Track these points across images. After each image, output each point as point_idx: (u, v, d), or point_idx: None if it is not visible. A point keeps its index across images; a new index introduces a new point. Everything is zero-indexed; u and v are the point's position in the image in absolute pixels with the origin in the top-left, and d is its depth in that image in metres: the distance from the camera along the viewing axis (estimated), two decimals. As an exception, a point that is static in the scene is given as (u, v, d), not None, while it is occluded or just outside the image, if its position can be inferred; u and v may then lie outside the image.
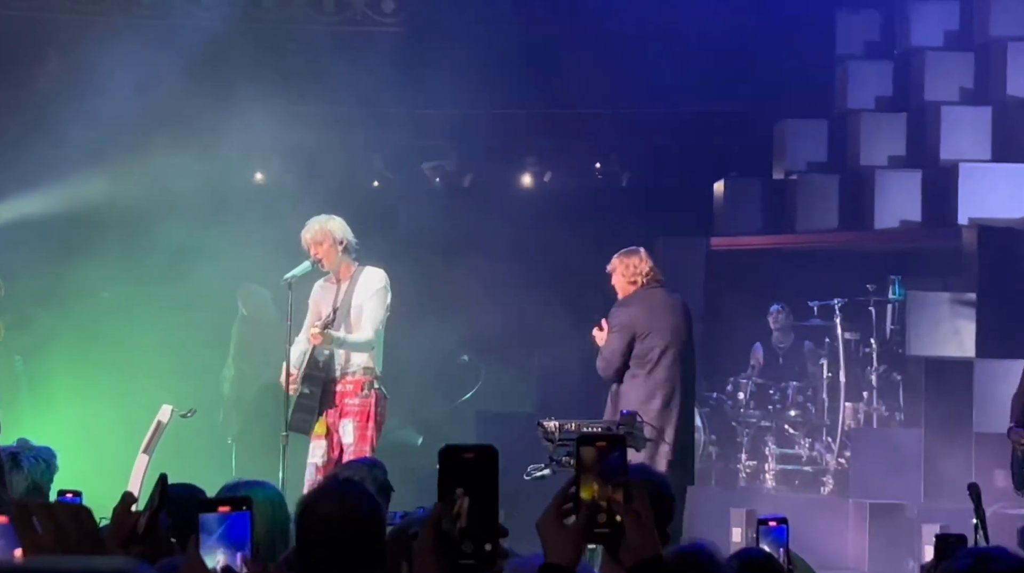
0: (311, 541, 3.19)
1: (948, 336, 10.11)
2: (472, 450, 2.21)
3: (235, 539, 2.55)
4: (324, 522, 3.17)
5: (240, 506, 2.56)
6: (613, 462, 2.27)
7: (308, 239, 7.69)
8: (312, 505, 3.24)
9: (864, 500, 9.73)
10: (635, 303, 8.06)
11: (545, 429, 6.85)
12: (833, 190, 11.63)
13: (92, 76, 10.62)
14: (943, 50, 11.93)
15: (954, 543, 3.66)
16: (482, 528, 2.19)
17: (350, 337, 7.59)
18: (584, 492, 2.26)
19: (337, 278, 7.77)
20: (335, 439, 7.62)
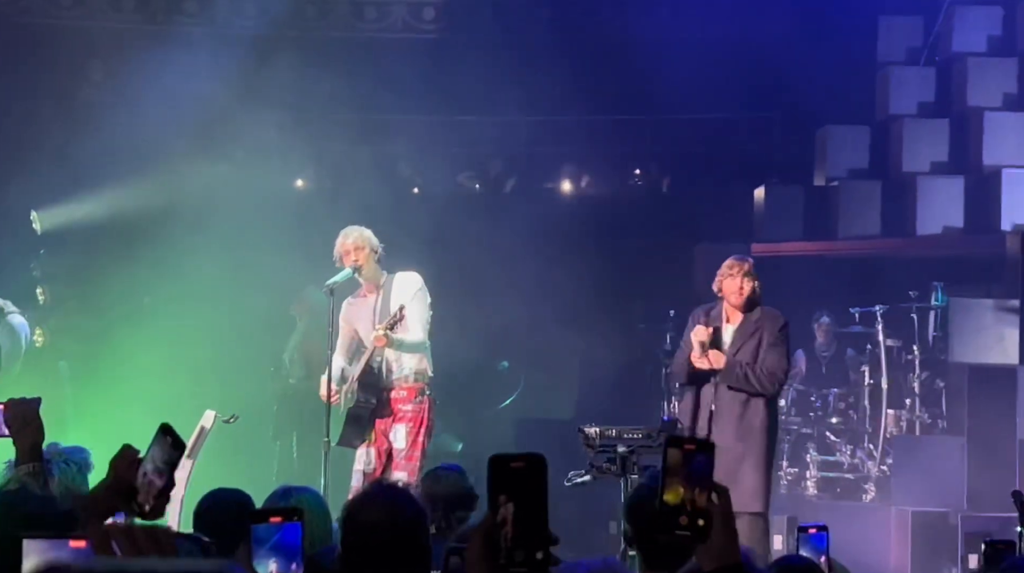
0: (356, 546, 3.20)
1: (991, 343, 10.04)
2: (521, 459, 2.22)
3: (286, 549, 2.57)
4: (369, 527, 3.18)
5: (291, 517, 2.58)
6: (699, 465, 2.29)
7: (348, 246, 7.72)
8: (357, 510, 3.25)
9: (906, 508, 9.68)
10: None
11: (586, 435, 6.85)
12: (875, 196, 11.58)
13: (135, 85, 10.71)
14: (986, 56, 11.86)
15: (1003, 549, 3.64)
16: (532, 536, 2.20)
17: (407, 338, 7.61)
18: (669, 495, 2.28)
19: (374, 288, 7.79)
20: (383, 446, 7.64)
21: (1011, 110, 11.45)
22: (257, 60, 11.03)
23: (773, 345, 7.66)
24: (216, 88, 10.87)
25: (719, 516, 2.28)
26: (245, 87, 11.08)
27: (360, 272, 7.73)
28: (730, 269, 7.81)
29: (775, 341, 7.68)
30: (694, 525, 2.28)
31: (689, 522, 2.28)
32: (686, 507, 2.28)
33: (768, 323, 7.73)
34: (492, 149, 13.10)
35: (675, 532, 2.29)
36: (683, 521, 2.28)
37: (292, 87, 11.14)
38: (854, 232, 11.56)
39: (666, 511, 2.28)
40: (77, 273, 10.98)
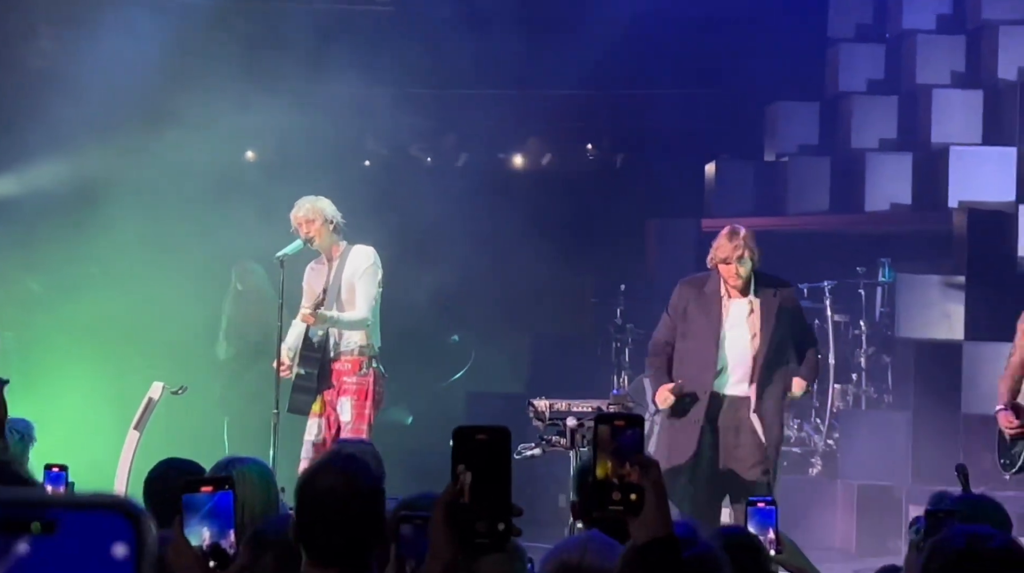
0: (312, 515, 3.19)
1: (937, 319, 10.14)
2: (485, 431, 2.25)
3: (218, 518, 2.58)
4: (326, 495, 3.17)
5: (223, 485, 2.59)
6: (628, 440, 2.31)
7: (299, 218, 7.72)
8: (313, 478, 3.23)
9: (852, 482, 9.78)
10: None
11: (535, 408, 6.88)
12: (824, 172, 11.67)
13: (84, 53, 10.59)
14: (935, 33, 11.95)
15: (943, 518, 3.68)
16: (495, 508, 2.22)
17: (343, 316, 7.62)
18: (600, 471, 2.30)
19: (327, 258, 7.79)
20: (332, 417, 7.65)
21: (959, 87, 11.55)
22: (208, 30, 10.94)
23: (806, 326, 7.34)
24: (166, 58, 10.77)
25: (651, 489, 2.30)
26: (196, 58, 10.99)
27: (312, 243, 7.72)
28: (721, 251, 6.99)
29: (805, 322, 7.37)
30: (627, 500, 2.30)
31: (621, 497, 2.30)
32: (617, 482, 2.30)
33: (791, 300, 7.27)
34: (444, 122, 13.07)
35: (608, 507, 2.31)
36: (615, 496, 2.31)
37: (244, 58, 11.05)
38: (803, 208, 11.64)
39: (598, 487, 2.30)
40: (25, 243, 10.88)
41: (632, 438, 2.31)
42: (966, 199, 10.67)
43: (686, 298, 7.14)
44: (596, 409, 6.79)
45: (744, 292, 7.06)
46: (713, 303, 7.03)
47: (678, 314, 7.17)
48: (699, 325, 7.06)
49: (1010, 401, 7.37)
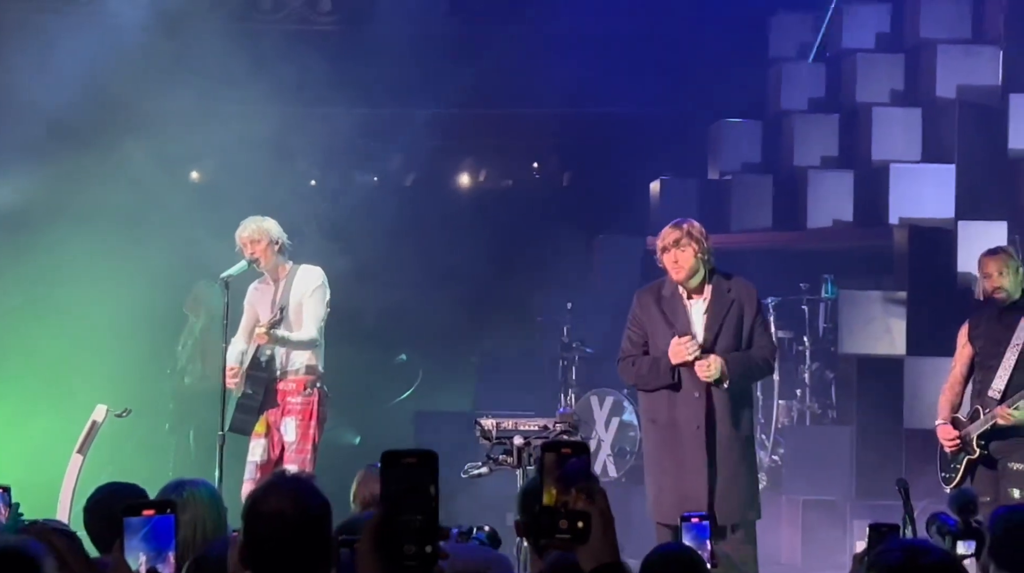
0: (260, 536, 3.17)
1: (879, 334, 10.25)
2: (413, 454, 2.26)
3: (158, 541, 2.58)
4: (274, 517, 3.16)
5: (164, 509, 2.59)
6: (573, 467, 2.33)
7: (244, 238, 7.70)
8: (261, 499, 3.22)
9: (797, 496, 9.86)
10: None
11: (482, 427, 6.88)
12: (767, 190, 11.78)
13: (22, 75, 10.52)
14: (874, 52, 12.11)
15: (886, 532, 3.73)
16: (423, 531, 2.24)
17: (294, 335, 7.61)
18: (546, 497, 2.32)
19: (273, 278, 7.78)
20: (275, 437, 7.62)
21: (899, 105, 11.70)
22: (150, 51, 10.90)
23: (763, 325, 6.89)
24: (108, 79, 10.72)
25: (597, 516, 2.32)
26: (139, 78, 10.94)
27: (258, 264, 7.70)
28: (662, 240, 6.78)
29: (763, 320, 6.92)
30: (573, 528, 2.32)
31: (568, 525, 2.32)
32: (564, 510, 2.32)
33: (744, 293, 6.81)
34: (390, 142, 13.08)
35: (555, 535, 2.33)
36: (562, 524, 2.32)
37: (187, 78, 11.02)
38: (747, 225, 11.75)
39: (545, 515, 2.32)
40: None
41: (578, 465, 2.33)
42: (906, 216, 10.81)
43: (647, 305, 6.86)
44: (543, 427, 6.81)
45: (700, 291, 6.81)
46: (679, 306, 6.79)
47: (645, 322, 6.86)
48: (663, 329, 6.79)
49: (950, 416, 7.48)
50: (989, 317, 7.39)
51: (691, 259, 6.71)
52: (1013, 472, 7.14)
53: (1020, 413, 7.06)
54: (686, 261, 6.71)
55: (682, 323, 6.75)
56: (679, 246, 6.72)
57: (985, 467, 7.27)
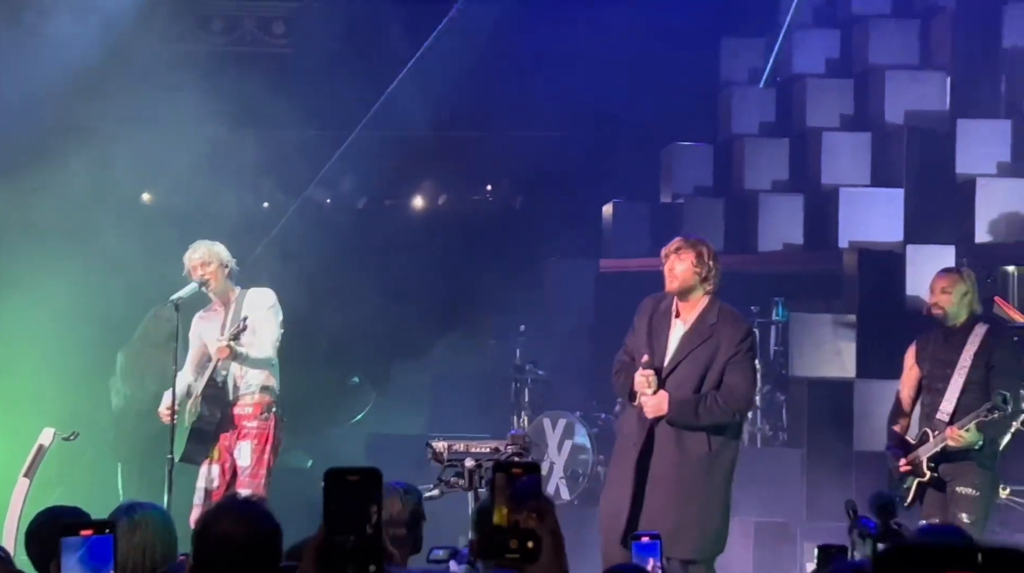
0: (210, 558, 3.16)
1: (829, 357, 10.32)
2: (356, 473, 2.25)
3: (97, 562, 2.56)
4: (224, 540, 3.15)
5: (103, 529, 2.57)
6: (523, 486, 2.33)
7: (195, 261, 7.65)
8: (212, 523, 3.21)
9: (748, 518, 9.88)
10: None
11: (433, 449, 6.87)
12: (718, 213, 11.84)
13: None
14: (824, 77, 12.23)
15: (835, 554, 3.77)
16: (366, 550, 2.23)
17: (253, 353, 7.56)
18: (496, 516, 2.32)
19: (222, 303, 7.73)
20: (227, 462, 7.57)
21: (848, 130, 11.81)
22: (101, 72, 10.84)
23: (737, 362, 6.48)
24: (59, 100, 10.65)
25: (547, 536, 2.32)
26: (89, 99, 10.87)
27: (208, 287, 7.66)
28: (666, 248, 6.64)
29: (739, 357, 6.50)
30: (523, 547, 2.32)
31: (519, 544, 2.32)
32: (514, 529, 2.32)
33: (727, 330, 6.53)
34: (343, 164, 13.07)
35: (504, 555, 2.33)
36: (512, 544, 2.32)
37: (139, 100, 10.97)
38: (698, 248, 11.78)
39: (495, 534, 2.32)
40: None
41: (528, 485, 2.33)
42: (856, 239, 10.90)
43: (644, 314, 6.69)
44: (494, 449, 6.81)
45: (690, 313, 6.60)
46: (665, 323, 6.61)
47: (638, 329, 6.70)
48: (644, 343, 6.64)
49: (899, 438, 7.53)
50: (935, 339, 7.45)
51: (687, 270, 6.55)
52: (962, 496, 7.19)
53: (970, 435, 7.11)
54: (681, 271, 6.56)
55: (660, 343, 6.59)
56: (678, 254, 6.58)
57: (935, 490, 7.32)
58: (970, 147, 11.04)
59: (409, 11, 12.63)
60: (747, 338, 6.60)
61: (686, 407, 6.48)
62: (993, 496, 7.33)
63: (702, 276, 6.57)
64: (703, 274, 6.57)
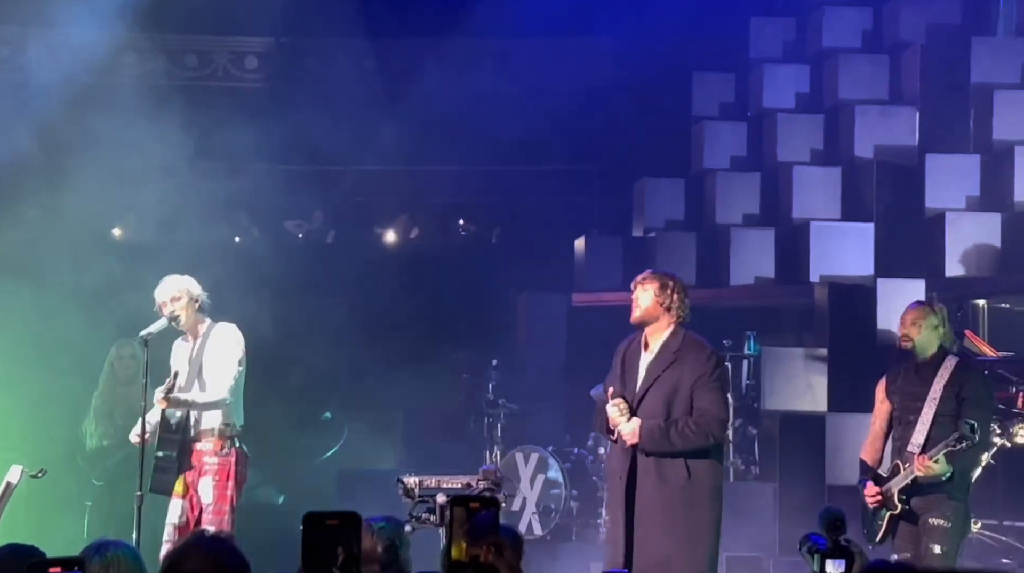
0: None
1: (801, 391, 10.34)
2: (335, 516, 2.25)
3: None
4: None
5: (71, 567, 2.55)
6: (482, 520, 2.33)
7: (164, 296, 7.64)
8: (180, 560, 3.20)
9: (721, 552, 9.85)
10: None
11: (405, 485, 6.84)
12: (691, 247, 11.88)
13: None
14: (794, 112, 12.31)
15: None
16: None
17: (200, 397, 7.53)
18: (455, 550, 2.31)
19: (192, 336, 7.72)
20: (194, 498, 7.53)
21: (818, 165, 11.88)
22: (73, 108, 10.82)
23: (704, 385, 6.52)
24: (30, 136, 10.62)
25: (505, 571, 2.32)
26: (61, 136, 10.85)
27: (178, 323, 7.64)
28: (633, 281, 6.79)
29: (705, 380, 6.53)
30: None
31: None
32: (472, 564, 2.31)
33: (692, 355, 6.58)
34: (316, 198, 13.07)
35: None
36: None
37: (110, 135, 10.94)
38: (670, 282, 11.80)
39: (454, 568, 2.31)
40: None
41: (486, 519, 2.33)
42: (827, 274, 10.94)
43: (619, 353, 6.81)
44: (466, 485, 6.78)
45: (654, 342, 6.70)
46: (635, 357, 6.71)
47: (615, 368, 6.80)
48: (616, 378, 6.73)
49: (871, 472, 7.54)
50: (906, 372, 7.47)
51: (649, 301, 6.63)
52: (933, 527, 7.20)
53: (939, 466, 7.12)
54: (644, 301, 6.65)
55: (632, 375, 6.66)
56: (642, 284, 6.69)
57: (907, 522, 7.32)
58: (939, 181, 11.13)
59: (380, 46, 12.67)
60: (712, 360, 6.64)
61: (657, 432, 6.52)
62: (965, 528, 7.34)
63: (665, 306, 6.66)
64: (665, 304, 6.66)
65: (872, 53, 12.37)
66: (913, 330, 7.36)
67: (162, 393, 7.36)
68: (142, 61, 12.20)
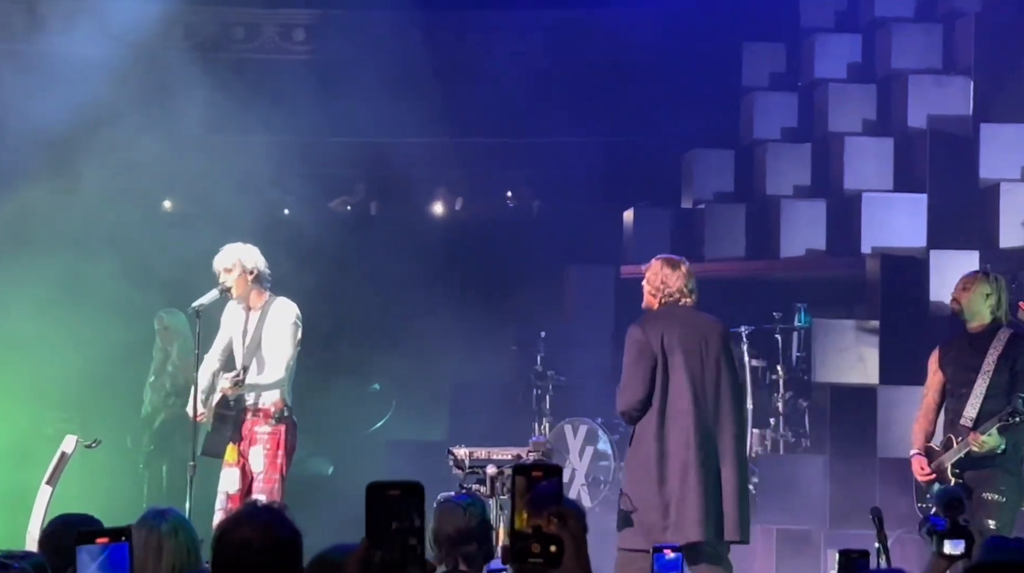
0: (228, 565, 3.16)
1: (852, 363, 10.27)
2: (397, 487, 2.23)
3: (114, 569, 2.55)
4: (242, 546, 3.14)
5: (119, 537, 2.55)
6: (543, 490, 2.30)
7: (219, 266, 7.68)
8: (230, 529, 3.21)
9: (771, 526, 9.83)
10: (653, 320, 6.90)
11: (455, 457, 6.87)
12: (740, 219, 11.80)
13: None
14: (846, 82, 12.18)
15: (856, 558, 3.72)
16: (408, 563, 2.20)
17: (260, 381, 7.57)
18: (517, 521, 2.29)
19: (247, 307, 7.73)
20: (246, 468, 7.58)
21: (870, 135, 11.76)
22: (123, 80, 10.87)
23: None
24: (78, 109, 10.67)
25: (570, 541, 2.29)
26: (111, 108, 10.89)
27: (230, 293, 7.67)
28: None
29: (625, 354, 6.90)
30: (546, 552, 2.29)
31: (541, 549, 2.29)
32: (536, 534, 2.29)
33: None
34: (362, 171, 13.07)
35: (527, 560, 2.30)
36: (535, 548, 2.29)
37: (159, 108, 10.99)
38: (720, 254, 11.76)
39: (516, 539, 2.29)
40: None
41: (549, 488, 2.30)
42: (879, 245, 10.85)
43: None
44: (516, 456, 6.80)
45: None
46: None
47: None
48: None
49: (923, 445, 7.48)
50: (959, 344, 7.40)
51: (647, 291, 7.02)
52: (987, 502, 7.13)
53: (992, 439, 7.06)
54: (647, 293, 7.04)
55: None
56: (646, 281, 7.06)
57: (960, 496, 7.26)
58: (993, 151, 10.99)
59: (428, 18, 12.63)
60: (630, 338, 6.87)
61: None
62: (1020, 502, 7.28)
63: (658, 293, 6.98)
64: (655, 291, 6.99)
65: (926, 22, 12.21)
66: (963, 295, 7.30)
67: (229, 383, 7.40)
68: (191, 34, 12.23)
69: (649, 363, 6.72)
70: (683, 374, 6.74)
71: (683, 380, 6.72)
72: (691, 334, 6.84)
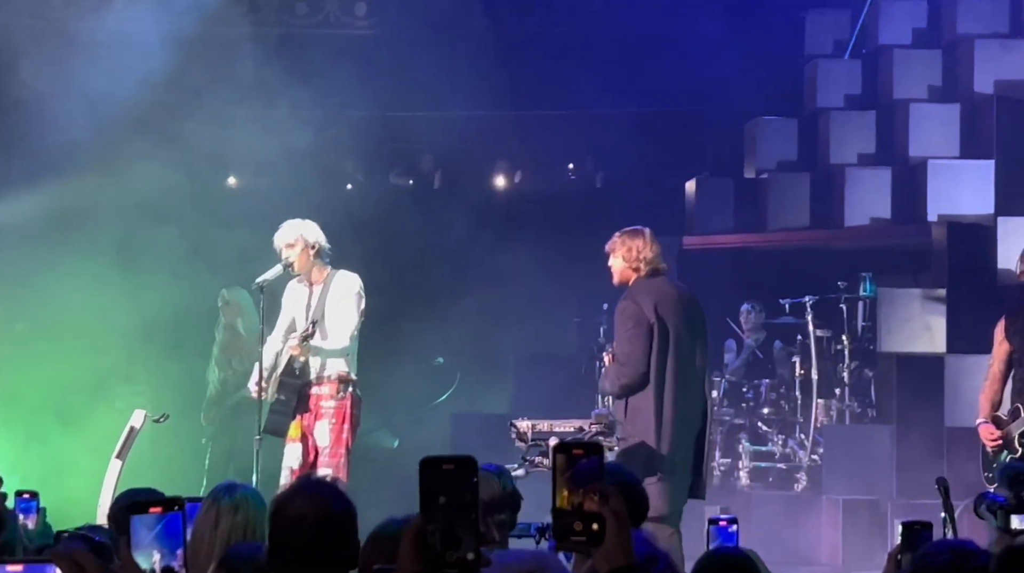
0: (283, 539, 3.20)
1: (919, 332, 10.17)
2: (451, 461, 2.23)
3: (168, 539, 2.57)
4: (297, 520, 3.18)
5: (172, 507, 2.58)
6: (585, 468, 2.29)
7: (280, 242, 7.73)
8: (285, 503, 3.25)
9: (837, 496, 9.79)
10: (643, 292, 7.05)
11: (518, 429, 6.88)
12: (804, 188, 11.71)
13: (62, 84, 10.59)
14: (911, 48, 12.02)
15: (920, 530, 3.70)
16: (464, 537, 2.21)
17: (326, 345, 7.62)
18: (559, 499, 2.29)
19: (309, 282, 7.79)
20: (310, 442, 7.64)
21: (936, 102, 11.60)
22: (186, 58, 10.94)
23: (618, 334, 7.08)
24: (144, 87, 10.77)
25: (611, 518, 2.28)
26: (173, 83, 10.98)
27: (293, 268, 7.73)
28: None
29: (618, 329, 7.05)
30: (588, 530, 2.28)
31: (583, 527, 2.29)
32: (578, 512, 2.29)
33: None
34: (426, 145, 13.09)
35: (570, 538, 2.30)
36: (577, 527, 2.29)
37: (223, 84, 11.06)
38: (784, 224, 11.67)
39: (558, 517, 2.29)
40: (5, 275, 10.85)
41: (590, 466, 2.29)
42: (945, 213, 10.72)
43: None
44: (578, 429, 6.80)
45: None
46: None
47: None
48: None
49: (990, 414, 7.41)
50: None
51: (619, 268, 7.18)
52: (1056, 471, 7.05)
53: (1061, 409, 6.98)
54: (616, 270, 7.20)
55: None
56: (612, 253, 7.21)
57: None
58: (1063, 116, 10.81)
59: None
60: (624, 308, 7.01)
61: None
62: (1088, 472, 7.18)
63: (631, 270, 7.11)
64: (630, 268, 7.13)
65: (993, -15, 12.01)
66: (1028, 264, 7.22)
67: (297, 340, 7.45)
68: (253, 10, 12.28)
69: (647, 336, 6.92)
70: (676, 343, 6.94)
71: (676, 349, 6.94)
72: (678, 303, 7.07)
